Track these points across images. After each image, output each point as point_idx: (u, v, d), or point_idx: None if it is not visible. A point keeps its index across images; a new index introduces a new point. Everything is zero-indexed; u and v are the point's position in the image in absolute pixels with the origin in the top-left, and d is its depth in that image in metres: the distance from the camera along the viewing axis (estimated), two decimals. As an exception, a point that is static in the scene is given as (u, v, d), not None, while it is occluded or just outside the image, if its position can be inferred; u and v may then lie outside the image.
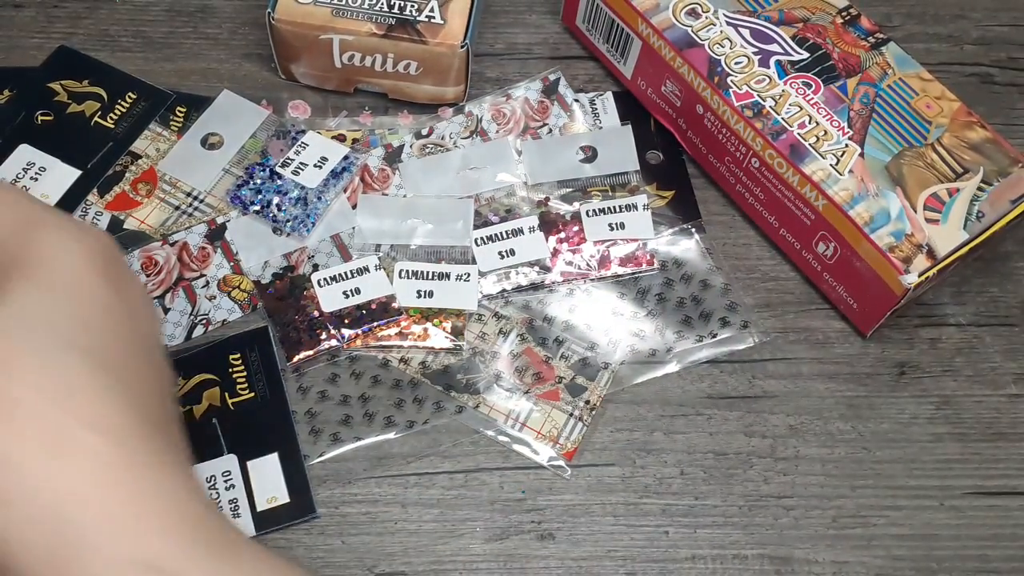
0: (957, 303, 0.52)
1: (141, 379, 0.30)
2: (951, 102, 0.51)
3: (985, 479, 0.48)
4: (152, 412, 0.30)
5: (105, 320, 0.30)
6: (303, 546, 0.45)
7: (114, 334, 0.30)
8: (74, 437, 0.27)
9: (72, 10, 0.59)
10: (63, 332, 0.29)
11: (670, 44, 0.52)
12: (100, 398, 0.28)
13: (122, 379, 0.29)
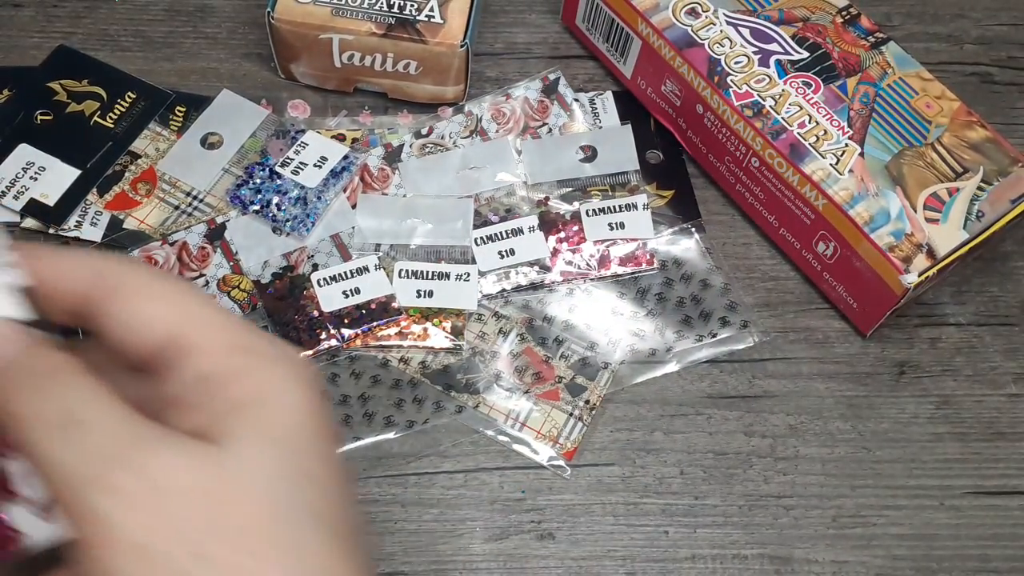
0: (957, 303, 0.52)
1: (352, 527, 0.29)
2: (951, 102, 0.51)
3: (985, 479, 0.48)
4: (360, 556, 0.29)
5: (325, 471, 0.28)
6: (303, 546, 0.45)
7: (335, 487, 0.29)
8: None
9: (71, 9, 0.59)
10: (294, 493, 0.27)
11: (670, 44, 0.52)
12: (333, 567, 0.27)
13: (342, 535, 0.28)
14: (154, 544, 0.25)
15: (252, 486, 0.27)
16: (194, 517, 0.26)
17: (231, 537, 0.26)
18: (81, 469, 0.26)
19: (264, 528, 0.26)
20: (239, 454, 0.27)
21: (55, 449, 0.26)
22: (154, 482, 0.26)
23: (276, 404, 0.28)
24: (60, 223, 0.51)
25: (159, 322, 0.28)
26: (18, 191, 0.52)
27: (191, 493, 0.26)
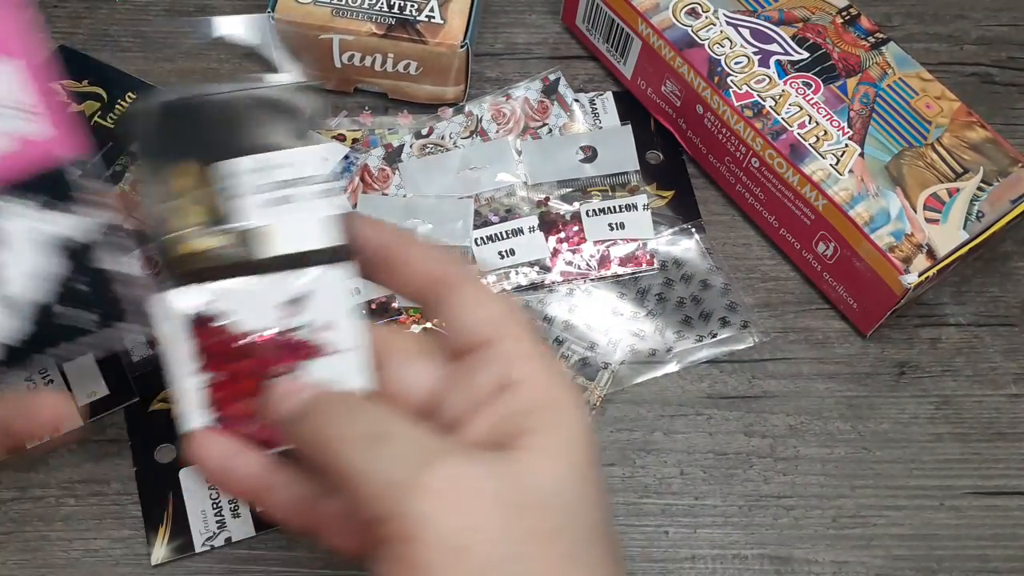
0: (957, 303, 0.52)
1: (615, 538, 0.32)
2: (951, 102, 0.51)
3: (985, 479, 0.48)
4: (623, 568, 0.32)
5: (598, 484, 0.31)
6: (303, 546, 0.45)
7: (604, 501, 0.31)
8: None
9: (72, 10, 0.59)
10: (580, 505, 0.30)
11: (670, 44, 0.52)
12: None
13: (614, 547, 0.31)
14: (468, 546, 0.27)
15: (547, 495, 0.29)
16: (500, 522, 0.28)
17: (535, 544, 0.28)
18: (395, 475, 0.28)
19: (561, 538, 0.29)
20: (532, 464, 0.29)
21: (368, 460, 0.29)
22: (463, 487, 0.28)
23: (563, 415, 0.31)
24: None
25: (484, 324, 0.32)
26: (18, 191, 0.52)
27: (495, 498, 0.28)
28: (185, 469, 0.45)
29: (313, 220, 0.33)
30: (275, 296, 0.33)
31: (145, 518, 0.45)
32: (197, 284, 0.33)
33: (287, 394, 0.32)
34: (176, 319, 0.33)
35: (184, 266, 0.33)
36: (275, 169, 0.33)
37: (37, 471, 0.46)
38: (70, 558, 0.44)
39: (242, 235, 0.33)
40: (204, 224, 0.33)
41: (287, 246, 0.33)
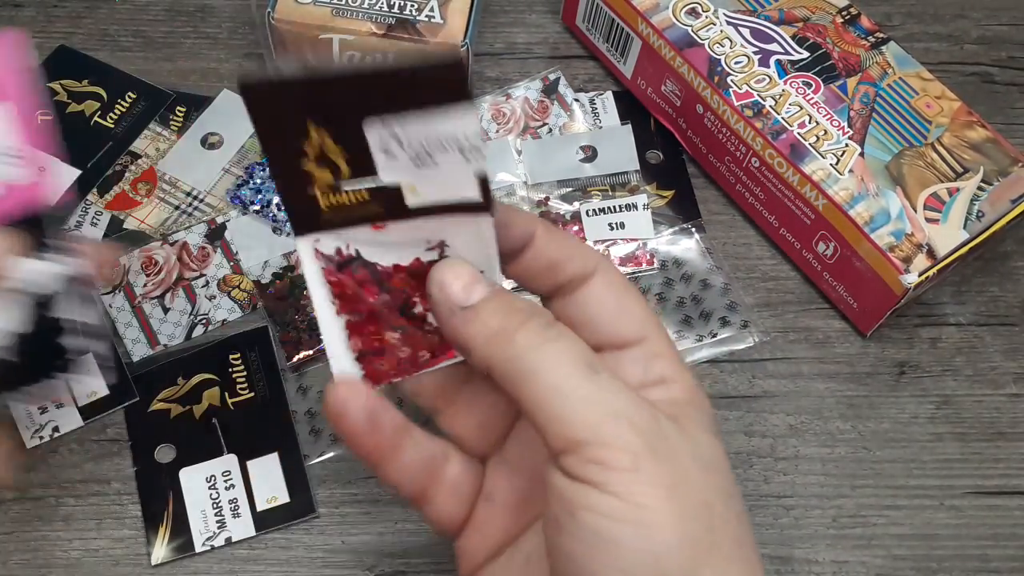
0: (957, 303, 0.52)
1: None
2: (951, 101, 0.51)
3: (985, 479, 0.48)
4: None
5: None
6: (303, 546, 0.45)
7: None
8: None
9: (72, 10, 0.59)
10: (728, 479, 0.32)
11: (670, 44, 0.52)
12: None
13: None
14: (676, 486, 0.29)
15: (722, 463, 0.32)
16: (696, 473, 0.30)
17: (723, 498, 0.30)
18: (615, 406, 0.30)
19: (736, 498, 0.31)
20: (698, 436, 0.31)
21: (585, 387, 0.30)
22: (667, 437, 0.30)
23: (706, 415, 0.33)
24: (60, 223, 0.51)
25: (636, 322, 0.34)
26: (18, 191, 0.52)
27: (689, 455, 0.30)
28: (185, 469, 0.45)
29: (455, 179, 0.31)
30: (413, 235, 0.33)
31: (145, 518, 0.45)
32: (333, 229, 0.33)
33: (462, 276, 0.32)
34: (314, 264, 0.33)
35: (319, 215, 0.32)
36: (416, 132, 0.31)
37: (37, 471, 0.46)
38: (70, 558, 0.44)
39: (378, 190, 0.32)
40: (339, 181, 0.32)
41: (427, 197, 0.32)
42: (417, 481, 0.35)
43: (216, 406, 0.47)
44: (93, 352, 0.37)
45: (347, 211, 0.32)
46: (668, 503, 0.29)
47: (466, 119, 0.30)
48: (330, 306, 0.34)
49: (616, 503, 0.29)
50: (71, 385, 0.35)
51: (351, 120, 0.30)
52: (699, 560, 0.29)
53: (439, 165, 0.31)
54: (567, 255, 0.34)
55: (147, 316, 0.49)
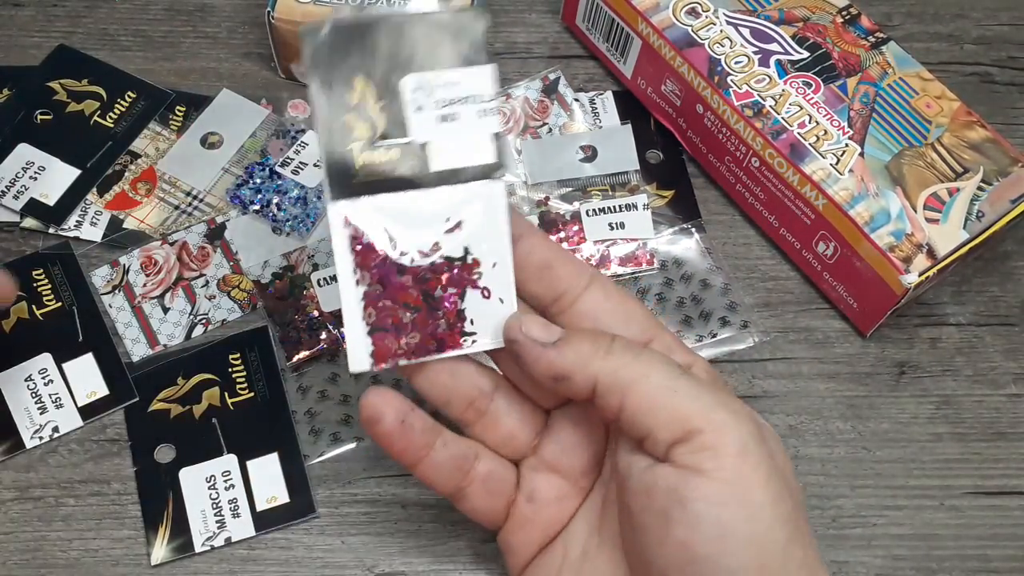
0: (957, 303, 0.52)
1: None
2: (951, 101, 0.51)
3: (985, 479, 0.48)
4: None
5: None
6: (303, 546, 0.45)
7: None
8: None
9: (71, 9, 0.59)
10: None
11: (670, 43, 0.52)
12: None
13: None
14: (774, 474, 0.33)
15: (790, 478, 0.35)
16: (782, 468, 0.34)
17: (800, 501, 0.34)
18: (717, 396, 0.34)
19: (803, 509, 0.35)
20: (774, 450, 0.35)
21: (688, 382, 0.34)
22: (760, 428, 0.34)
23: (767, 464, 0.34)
24: (60, 223, 0.51)
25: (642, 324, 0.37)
26: (18, 191, 0.52)
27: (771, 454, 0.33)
28: (185, 469, 0.45)
29: (473, 136, 0.36)
30: (435, 210, 0.36)
31: (145, 518, 0.45)
32: (365, 195, 0.36)
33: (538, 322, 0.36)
34: (343, 232, 0.36)
35: (354, 177, 0.36)
36: (443, 88, 0.36)
37: (37, 471, 0.46)
38: (70, 558, 0.44)
39: (408, 149, 0.36)
40: (373, 138, 0.36)
41: (448, 161, 0.36)
42: (450, 478, 0.38)
43: (216, 406, 0.47)
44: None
45: (378, 173, 0.36)
46: (766, 487, 0.32)
47: (483, 76, 0.36)
48: (352, 275, 0.36)
49: (727, 489, 0.32)
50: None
51: (391, 69, 0.35)
52: (791, 539, 0.32)
53: (460, 120, 0.36)
54: (559, 258, 0.36)
55: (147, 316, 0.49)
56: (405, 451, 0.37)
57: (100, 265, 0.50)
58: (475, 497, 0.38)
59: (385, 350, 0.36)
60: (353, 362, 0.36)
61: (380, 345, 0.36)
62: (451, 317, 0.37)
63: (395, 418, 0.36)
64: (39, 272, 0.50)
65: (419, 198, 0.36)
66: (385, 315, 0.36)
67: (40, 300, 0.49)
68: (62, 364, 0.48)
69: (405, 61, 0.35)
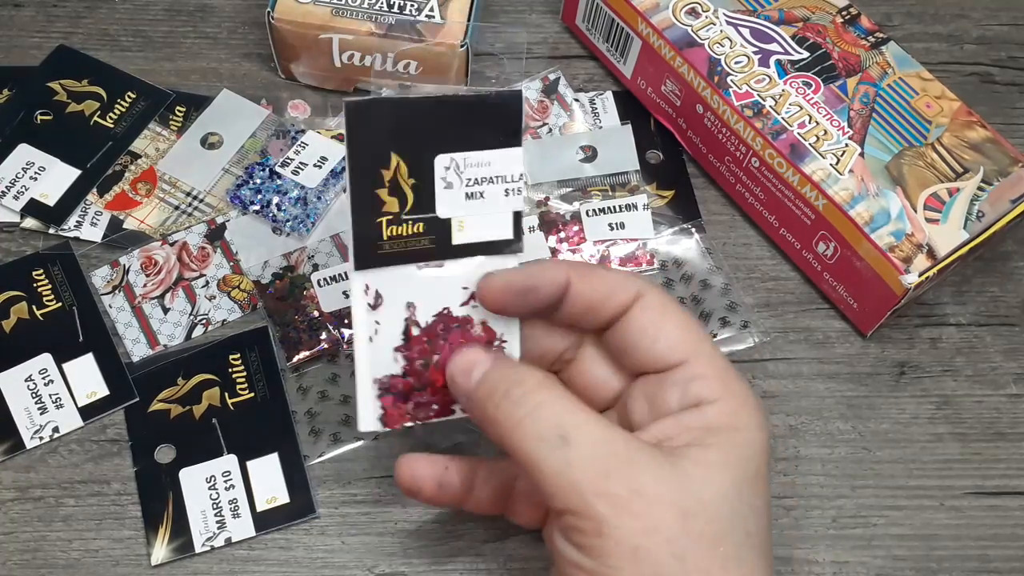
0: (957, 303, 0.52)
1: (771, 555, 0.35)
2: (951, 101, 0.51)
3: (985, 479, 0.48)
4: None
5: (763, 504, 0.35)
6: (303, 546, 0.45)
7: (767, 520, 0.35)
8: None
9: (71, 9, 0.59)
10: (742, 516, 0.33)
11: (670, 43, 0.52)
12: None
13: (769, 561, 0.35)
14: (645, 546, 0.32)
15: (713, 505, 0.33)
16: (672, 525, 0.32)
17: (702, 546, 0.32)
18: (578, 478, 0.32)
19: (723, 542, 0.32)
20: (704, 475, 0.33)
21: (551, 461, 0.33)
22: (643, 493, 0.32)
23: (743, 436, 0.34)
24: (60, 223, 0.51)
25: (679, 346, 0.36)
26: (18, 191, 0.52)
27: (669, 504, 0.32)
28: (185, 470, 0.45)
29: (496, 216, 0.38)
30: (452, 280, 0.38)
31: (145, 518, 0.45)
32: (389, 266, 0.37)
33: (469, 365, 0.36)
34: (363, 299, 0.37)
35: (380, 248, 0.37)
36: (474, 167, 0.37)
37: (37, 471, 0.46)
38: (70, 558, 0.44)
39: (432, 223, 0.37)
40: (402, 213, 0.37)
41: (469, 236, 0.38)
42: (494, 506, 0.40)
43: (216, 406, 0.47)
44: None
45: (402, 244, 0.37)
46: (632, 564, 0.32)
47: (514, 159, 0.37)
48: (369, 342, 0.38)
49: (594, 565, 0.32)
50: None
51: (426, 147, 0.36)
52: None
53: (485, 198, 0.37)
54: (604, 294, 0.36)
55: (147, 316, 0.49)
56: (449, 503, 0.39)
57: (100, 265, 0.51)
58: (520, 512, 0.40)
59: (395, 414, 0.38)
60: (363, 422, 0.38)
61: (391, 409, 0.38)
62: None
63: (433, 486, 0.38)
64: (39, 272, 0.50)
65: (438, 269, 0.38)
66: (399, 380, 0.38)
67: (40, 300, 0.49)
68: (62, 364, 0.48)
69: (441, 140, 0.37)
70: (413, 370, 0.38)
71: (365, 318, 0.38)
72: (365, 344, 0.38)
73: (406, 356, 0.38)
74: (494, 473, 0.39)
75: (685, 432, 0.35)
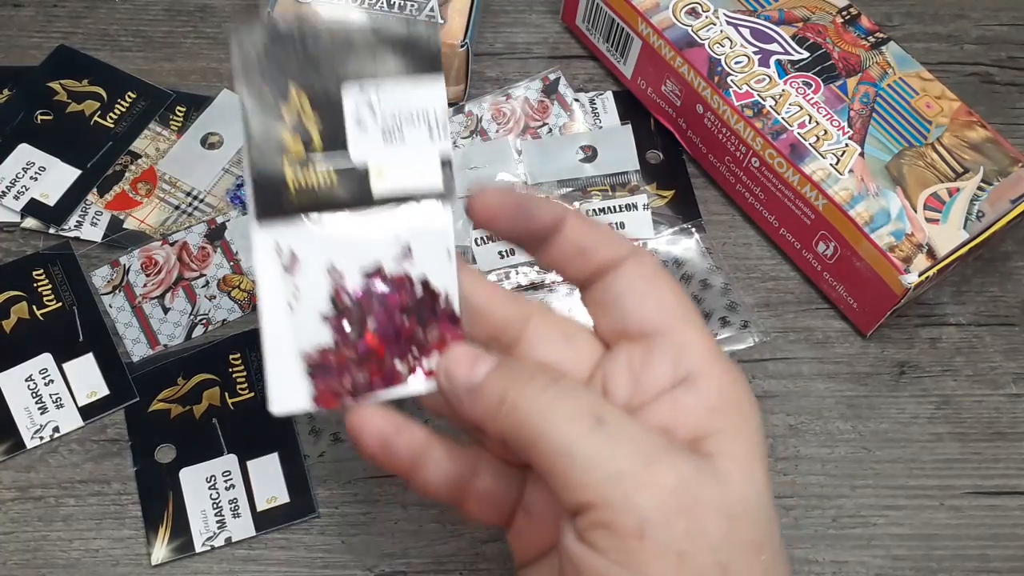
0: (957, 303, 0.52)
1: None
2: (951, 101, 0.51)
3: (985, 479, 0.48)
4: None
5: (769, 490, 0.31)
6: (303, 546, 0.45)
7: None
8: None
9: (72, 9, 0.59)
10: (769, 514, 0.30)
11: (670, 44, 0.52)
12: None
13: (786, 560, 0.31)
14: (690, 551, 0.27)
15: (755, 507, 0.29)
16: (717, 529, 0.28)
17: (747, 554, 0.28)
18: (622, 465, 0.28)
19: (765, 548, 0.29)
20: (741, 472, 0.29)
21: (585, 443, 0.28)
22: (690, 490, 0.28)
23: (745, 416, 0.30)
24: (60, 223, 0.51)
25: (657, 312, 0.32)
26: (18, 191, 0.52)
27: (715, 505, 0.28)
28: (185, 469, 0.45)
29: (421, 159, 0.32)
30: (372, 236, 0.32)
31: (145, 518, 0.45)
32: (297, 217, 0.32)
33: (470, 358, 0.32)
34: (274, 260, 0.32)
35: (285, 198, 0.32)
36: (389, 101, 0.32)
37: (37, 471, 0.46)
38: (70, 558, 0.44)
39: (346, 171, 0.32)
40: (307, 156, 0.32)
41: (391, 187, 0.32)
42: (446, 494, 0.34)
43: (216, 406, 0.47)
44: None
45: (312, 196, 0.32)
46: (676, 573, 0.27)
47: (436, 91, 0.32)
48: (285, 310, 0.32)
49: (622, 574, 0.27)
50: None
51: (332, 78, 0.31)
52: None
53: (406, 141, 0.32)
54: (597, 241, 0.33)
55: (147, 316, 0.49)
56: (393, 470, 0.33)
57: (100, 265, 0.51)
58: (473, 511, 0.35)
59: (329, 392, 0.32)
60: (281, 402, 0.32)
61: (323, 387, 0.32)
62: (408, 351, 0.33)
63: (375, 443, 0.32)
64: (39, 272, 0.50)
65: (355, 220, 0.32)
66: (327, 353, 0.32)
67: (40, 300, 0.49)
68: (62, 364, 0.48)
69: (348, 68, 0.32)
70: (345, 340, 0.32)
71: (280, 283, 0.32)
72: (283, 313, 0.32)
73: (336, 325, 0.32)
74: (451, 459, 0.34)
75: (689, 416, 0.30)
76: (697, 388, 0.30)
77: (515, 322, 0.34)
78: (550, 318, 0.34)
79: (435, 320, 0.33)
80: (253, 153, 0.31)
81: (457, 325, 0.33)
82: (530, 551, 0.34)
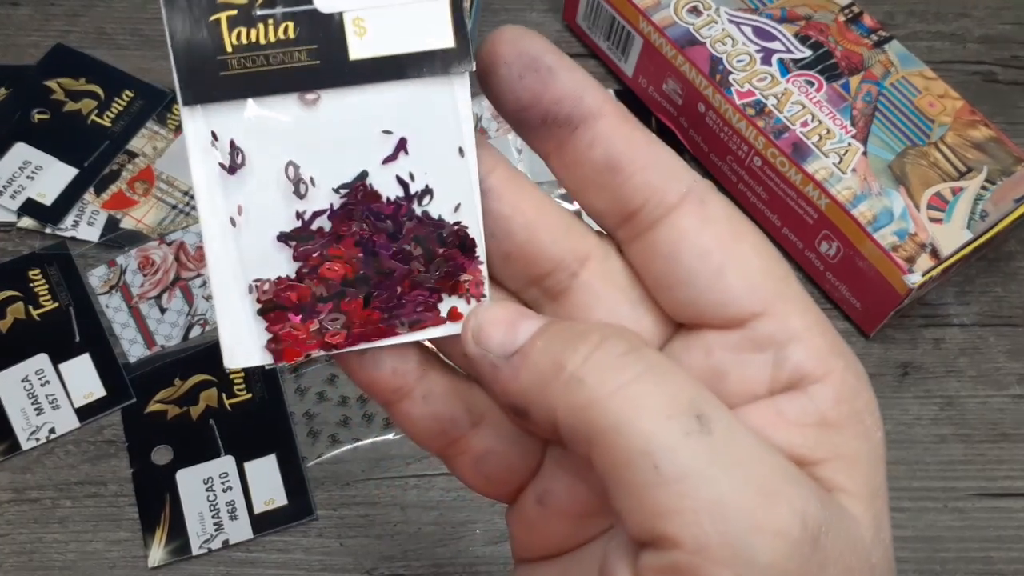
0: (961, 303, 0.52)
1: None
2: (954, 100, 0.51)
3: (989, 480, 0.47)
4: None
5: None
6: (301, 548, 0.44)
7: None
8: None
9: (69, 8, 0.59)
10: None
11: (671, 42, 0.52)
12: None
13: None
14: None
15: (886, 562, 0.22)
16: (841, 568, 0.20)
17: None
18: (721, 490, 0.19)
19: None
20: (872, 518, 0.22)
21: (684, 455, 0.19)
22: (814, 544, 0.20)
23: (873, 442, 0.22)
24: (57, 222, 0.51)
25: (761, 284, 0.22)
26: (15, 190, 0.51)
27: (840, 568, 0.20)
28: (183, 471, 0.45)
29: (420, 6, 0.22)
30: (360, 123, 0.23)
31: (142, 520, 0.44)
32: (244, 96, 0.22)
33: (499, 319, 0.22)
34: (211, 155, 0.23)
35: (223, 68, 0.23)
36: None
37: (33, 473, 0.45)
38: (66, 560, 0.44)
39: (310, 24, 0.22)
40: (252, 6, 0.22)
41: (378, 45, 0.22)
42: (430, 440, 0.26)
43: (213, 407, 0.47)
44: None
45: (262, 60, 0.22)
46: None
47: None
48: (232, 227, 0.23)
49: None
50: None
51: None
52: None
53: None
54: (639, 159, 0.23)
55: (144, 316, 0.49)
56: (372, 393, 0.25)
57: (97, 265, 0.50)
58: (468, 473, 0.26)
59: (289, 339, 0.24)
60: (235, 356, 0.25)
61: (281, 332, 0.24)
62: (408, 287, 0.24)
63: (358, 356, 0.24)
64: (36, 272, 0.50)
65: (331, 103, 0.22)
66: (286, 288, 0.23)
67: (37, 300, 0.49)
68: (59, 365, 0.47)
69: None
70: (312, 270, 0.23)
71: (220, 190, 0.22)
72: (224, 231, 0.23)
73: (301, 250, 0.23)
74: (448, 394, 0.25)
75: (796, 434, 0.22)
76: (807, 395, 0.22)
77: (569, 262, 0.24)
78: (615, 265, 0.24)
79: (443, 250, 0.23)
80: (172, 15, 0.23)
81: (475, 259, 0.24)
82: (534, 548, 0.27)
